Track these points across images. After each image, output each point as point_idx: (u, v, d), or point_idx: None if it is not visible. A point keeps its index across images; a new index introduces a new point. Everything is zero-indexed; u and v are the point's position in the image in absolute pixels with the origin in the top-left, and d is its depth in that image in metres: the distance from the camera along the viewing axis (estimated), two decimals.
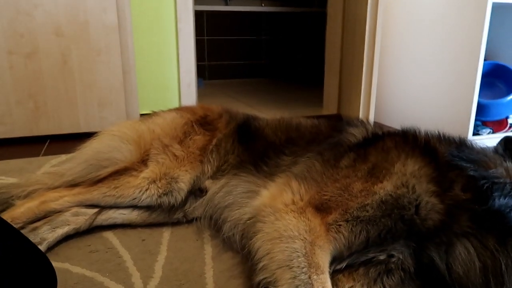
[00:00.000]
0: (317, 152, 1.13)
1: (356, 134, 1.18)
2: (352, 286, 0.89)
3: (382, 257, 0.90)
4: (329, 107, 3.00)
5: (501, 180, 0.94)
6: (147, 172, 1.23)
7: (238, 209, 1.12)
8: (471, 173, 0.94)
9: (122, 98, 2.20)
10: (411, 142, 1.05)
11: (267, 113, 2.84)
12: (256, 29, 4.86)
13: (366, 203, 0.90)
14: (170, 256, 1.07)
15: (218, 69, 4.82)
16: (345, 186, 0.95)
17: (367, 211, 0.89)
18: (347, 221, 0.89)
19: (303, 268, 0.80)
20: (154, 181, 1.21)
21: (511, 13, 2.52)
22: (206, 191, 1.26)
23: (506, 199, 0.90)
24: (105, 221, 1.20)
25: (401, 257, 0.89)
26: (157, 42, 2.51)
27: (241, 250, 1.01)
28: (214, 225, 1.18)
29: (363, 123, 1.26)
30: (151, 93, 2.56)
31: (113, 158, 1.26)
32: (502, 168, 0.99)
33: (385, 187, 0.91)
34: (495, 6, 2.12)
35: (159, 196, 1.20)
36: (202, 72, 4.70)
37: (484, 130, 2.39)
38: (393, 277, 0.89)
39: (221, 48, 4.77)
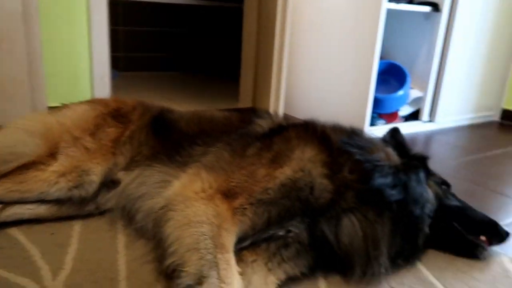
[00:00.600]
0: (226, 143, 1.21)
1: (263, 125, 1.28)
2: (255, 259, 0.98)
3: (281, 233, 1.01)
4: (245, 101, 3.10)
5: (381, 163, 1.11)
6: (56, 166, 1.21)
7: (151, 199, 1.16)
8: (358, 157, 1.09)
9: (26, 90, 2.07)
10: (310, 131, 1.18)
11: (184, 106, 2.86)
12: (174, 21, 4.80)
13: (268, 186, 1.00)
14: (82, 248, 1.08)
15: (134, 61, 4.68)
16: (250, 172, 1.04)
17: (269, 194, 1.00)
18: (251, 204, 0.99)
19: (209, 249, 0.87)
20: (64, 174, 1.20)
21: (404, 17, 2.84)
22: (119, 183, 1.28)
23: (384, 178, 1.06)
24: (9, 218, 1.16)
25: (297, 231, 1.01)
26: (68, 32, 2.39)
27: (153, 238, 1.05)
28: (127, 215, 1.20)
29: (271, 115, 1.37)
30: (61, 85, 2.44)
31: (18, 152, 1.22)
32: (383, 153, 1.16)
33: (285, 172, 1.03)
34: (389, 11, 2.39)
35: (69, 189, 1.20)
36: (117, 64, 4.53)
37: (379, 122, 2.68)
38: (290, 250, 1.00)
39: (137, 39, 4.64)
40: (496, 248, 1.22)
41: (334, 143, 1.14)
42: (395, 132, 1.40)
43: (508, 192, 1.73)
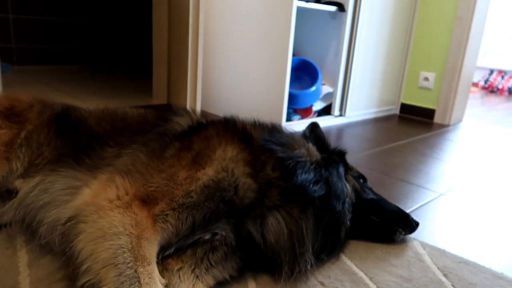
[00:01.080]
0: (142, 143, 1.12)
1: (181, 123, 1.21)
2: (181, 267, 0.92)
3: (207, 237, 0.96)
4: (159, 97, 2.97)
5: (303, 159, 1.11)
6: None
7: (56, 208, 1.02)
8: (280, 154, 1.08)
9: None
10: (231, 129, 1.13)
11: (92, 103, 2.64)
12: (76, 10, 4.42)
13: (190, 189, 0.94)
14: None
15: (29, 53, 4.22)
16: (171, 175, 0.96)
17: (192, 197, 0.93)
18: (173, 209, 0.91)
19: (128, 263, 0.78)
20: None
21: (313, 16, 2.94)
22: (17, 192, 1.11)
23: (306, 174, 1.07)
24: None
25: (224, 233, 0.97)
26: None
27: (62, 254, 0.90)
28: (28, 229, 1.05)
29: (188, 113, 1.30)
30: None
31: None
32: (304, 149, 1.17)
33: (207, 173, 0.97)
34: (299, 10, 2.45)
35: None
36: (9, 56, 4.04)
37: (295, 117, 2.75)
38: (217, 253, 0.96)
39: (32, 29, 4.18)
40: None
41: (256, 140, 1.12)
42: (314, 127, 1.43)
43: (412, 180, 1.89)
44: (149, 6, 2.93)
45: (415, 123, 3.26)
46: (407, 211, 1.53)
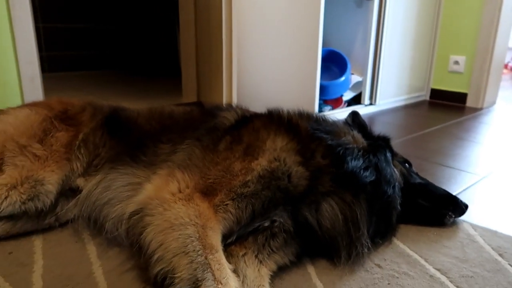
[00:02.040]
0: (195, 139, 1.16)
1: (228, 117, 1.25)
2: (245, 253, 0.96)
3: (266, 224, 0.99)
4: (189, 96, 3.02)
5: (351, 146, 1.13)
6: (4, 178, 1.08)
7: (120, 203, 1.08)
8: (329, 142, 1.10)
9: None
10: (276, 120, 1.17)
11: (126, 105, 2.71)
12: (100, 17, 4.53)
13: (247, 179, 0.98)
14: (49, 264, 0.98)
15: (60, 60, 4.35)
16: (226, 167, 1.00)
17: (249, 187, 0.97)
18: (232, 199, 0.96)
19: (198, 251, 0.82)
20: (15, 187, 1.08)
21: (338, 6, 2.93)
22: (80, 190, 1.17)
23: (356, 161, 1.09)
24: None
25: (281, 220, 1.00)
26: None
27: (130, 246, 0.97)
28: (94, 224, 1.11)
29: (233, 107, 1.34)
30: None
31: None
32: (350, 136, 1.19)
33: (261, 163, 1.01)
34: (328, 0, 2.45)
35: (23, 203, 1.08)
36: (41, 64, 4.18)
37: (326, 108, 2.76)
38: (277, 240, 1.00)
39: (60, 37, 4.31)
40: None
41: (303, 129, 1.14)
42: (355, 115, 1.44)
43: (452, 164, 1.87)
44: (171, 10, 2.97)
45: (447, 108, 3.21)
46: None
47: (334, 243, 1.02)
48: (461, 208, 1.25)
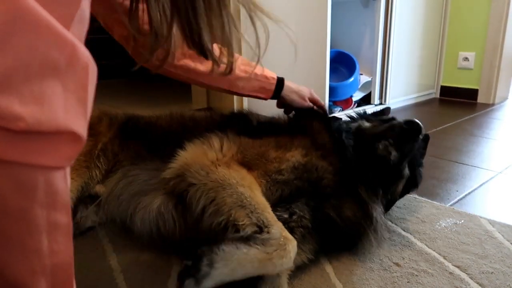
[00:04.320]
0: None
1: (252, 119, 1.30)
2: None
3: (285, 215, 1.00)
4: (199, 102, 3.05)
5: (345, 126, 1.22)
6: None
7: (148, 194, 1.07)
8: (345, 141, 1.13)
9: None
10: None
11: (139, 113, 2.75)
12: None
13: (281, 168, 1.02)
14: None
15: None
16: (262, 153, 1.04)
17: (283, 175, 1.01)
18: (266, 181, 0.99)
19: (254, 205, 0.86)
20: None
21: (344, 6, 2.94)
22: (98, 196, 1.20)
23: (346, 133, 1.16)
24: None
25: (301, 214, 1.01)
26: None
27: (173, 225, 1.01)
28: (121, 222, 1.11)
29: (250, 113, 1.37)
30: None
31: None
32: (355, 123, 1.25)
33: (295, 155, 1.05)
34: (333, 2, 2.45)
35: None
36: None
37: (335, 109, 2.76)
38: (295, 236, 0.99)
39: None
40: (473, 212, 1.31)
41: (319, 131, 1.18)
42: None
43: (467, 161, 1.86)
44: None
45: (458, 105, 3.19)
46: (468, 191, 1.52)
47: (358, 228, 1.04)
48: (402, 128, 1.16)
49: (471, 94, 3.29)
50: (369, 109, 2.89)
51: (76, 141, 0.47)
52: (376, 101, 2.95)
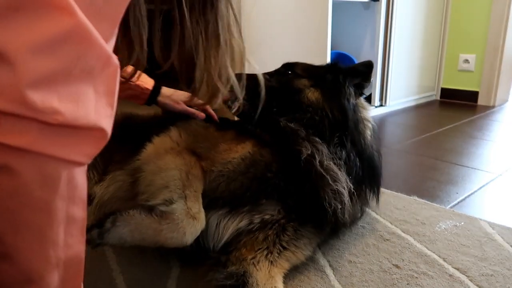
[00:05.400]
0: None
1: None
2: (254, 256, 0.95)
3: (256, 220, 0.99)
4: None
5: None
6: None
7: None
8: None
9: None
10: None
11: (137, 111, 2.75)
12: None
13: (228, 160, 1.02)
14: None
15: None
16: (214, 144, 1.07)
17: (229, 168, 1.01)
18: (212, 171, 1.00)
19: (178, 186, 0.92)
20: None
21: (345, 8, 2.94)
22: (94, 198, 1.19)
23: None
24: None
25: (273, 214, 1.00)
26: None
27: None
28: None
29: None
30: None
31: None
32: None
33: (246, 147, 1.04)
34: (333, 3, 2.46)
35: None
36: None
37: None
38: (287, 233, 1.00)
39: None
40: (473, 214, 1.31)
41: None
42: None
43: (467, 163, 1.86)
44: None
45: (458, 107, 3.19)
46: (468, 193, 1.52)
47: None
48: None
49: (472, 96, 3.29)
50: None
51: (102, 138, 0.52)
52: (377, 102, 2.95)
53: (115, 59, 0.52)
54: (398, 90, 3.05)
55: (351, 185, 1.04)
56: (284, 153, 1.03)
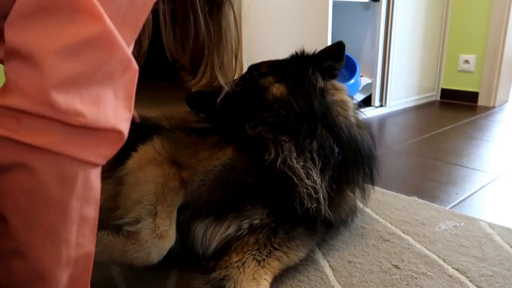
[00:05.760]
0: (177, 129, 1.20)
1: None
2: (240, 258, 0.94)
3: (245, 226, 0.98)
4: None
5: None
6: None
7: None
8: None
9: None
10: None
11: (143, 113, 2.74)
12: None
13: (209, 169, 0.99)
14: None
15: None
16: (195, 152, 1.04)
17: (209, 177, 0.98)
18: (194, 180, 0.98)
19: (151, 201, 0.92)
20: None
21: (345, 9, 2.94)
22: None
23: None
24: None
25: (262, 217, 1.00)
26: None
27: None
28: None
29: None
30: None
31: None
32: None
33: (227, 153, 1.01)
34: (334, 3, 2.46)
35: None
36: None
37: None
38: (279, 235, 0.99)
39: None
40: (473, 215, 1.31)
41: None
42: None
43: (467, 163, 1.86)
44: None
45: (458, 108, 3.19)
46: (467, 194, 1.52)
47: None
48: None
49: (472, 96, 3.29)
50: (369, 111, 2.89)
51: (119, 140, 0.53)
52: (377, 103, 2.95)
53: (135, 63, 0.53)
54: (398, 90, 3.05)
55: (320, 178, 0.99)
56: (255, 159, 1.00)
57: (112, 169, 1.13)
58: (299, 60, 1.19)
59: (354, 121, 1.14)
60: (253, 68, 1.26)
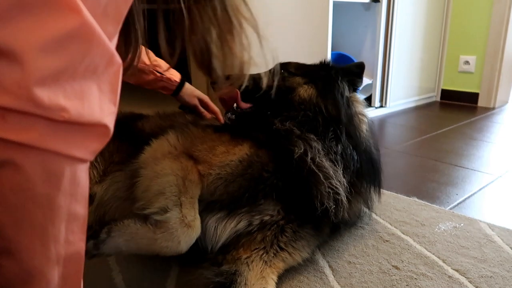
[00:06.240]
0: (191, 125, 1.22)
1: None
2: (249, 256, 0.95)
3: (256, 222, 0.99)
4: None
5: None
6: None
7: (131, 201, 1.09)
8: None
9: None
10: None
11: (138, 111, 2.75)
12: None
13: (226, 163, 1.00)
14: None
15: None
16: (211, 147, 1.05)
17: (226, 170, 0.99)
18: (210, 174, 0.99)
19: (174, 193, 0.91)
20: None
21: (346, 9, 2.94)
22: (94, 197, 1.19)
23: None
24: None
25: (273, 214, 1.00)
26: None
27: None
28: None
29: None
30: None
31: None
32: None
33: (243, 149, 1.03)
34: (334, 4, 2.46)
35: None
36: None
37: None
38: (286, 234, 0.99)
39: None
40: (473, 216, 1.31)
41: None
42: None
43: (467, 164, 1.86)
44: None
45: (458, 108, 3.19)
46: (467, 195, 1.52)
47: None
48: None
49: (472, 97, 3.29)
50: (370, 111, 2.89)
51: (105, 134, 0.52)
52: (377, 103, 2.95)
53: (118, 57, 0.53)
54: (398, 91, 3.05)
55: (344, 180, 1.02)
56: (279, 153, 1.02)
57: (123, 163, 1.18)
58: (328, 68, 1.24)
59: (369, 134, 1.19)
60: (281, 66, 1.28)
